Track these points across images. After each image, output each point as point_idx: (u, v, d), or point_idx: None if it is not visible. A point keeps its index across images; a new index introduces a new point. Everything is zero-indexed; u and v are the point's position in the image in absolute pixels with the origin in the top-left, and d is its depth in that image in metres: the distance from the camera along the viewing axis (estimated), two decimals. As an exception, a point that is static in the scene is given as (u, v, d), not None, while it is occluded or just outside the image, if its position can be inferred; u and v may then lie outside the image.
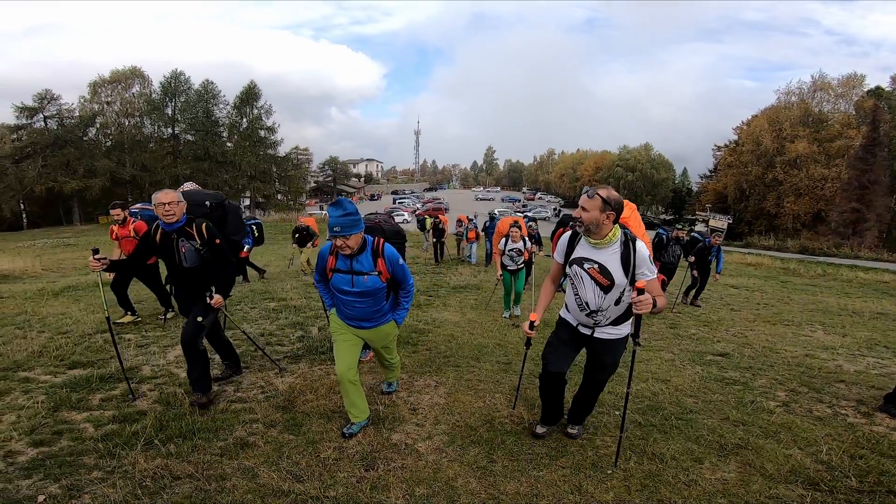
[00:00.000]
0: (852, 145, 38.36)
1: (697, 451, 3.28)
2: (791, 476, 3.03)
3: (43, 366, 4.64)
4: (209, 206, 4.20)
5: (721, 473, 3.03)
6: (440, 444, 3.31)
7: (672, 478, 2.96)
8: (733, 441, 3.44)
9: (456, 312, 7.72)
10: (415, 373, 4.73)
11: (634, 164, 65.85)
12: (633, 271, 2.82)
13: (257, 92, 45.47)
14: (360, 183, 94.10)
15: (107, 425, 3.39)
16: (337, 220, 2.95)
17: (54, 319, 6.71)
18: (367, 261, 3.14)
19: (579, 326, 3.10)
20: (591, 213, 2.78)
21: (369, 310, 3.28)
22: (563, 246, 3.07)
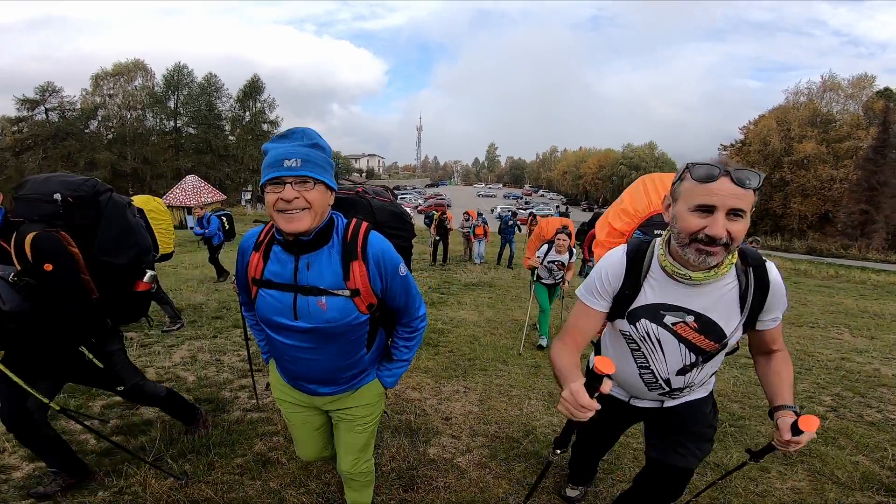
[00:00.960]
0: (861, 146, 37.92)
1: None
2: (865, 483, 2.93)
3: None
4: (60, 202, 2.13)
5: (792, 482, 2.92)
6: (482, 459, 3.03)
7: (742, 489, 2.82)
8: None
9: (472, 311, 7.42)
10: (441, 377, 4.45)
11: (638, 162, 65.43)
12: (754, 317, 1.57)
13: (260, 86, 45.11)
14: (362, 178, 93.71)
15: (112, 436, 3.07)
16: (291, 148, 1.42)
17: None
18: (330, 265, 1.54)
19: (632, 400, 1.89)
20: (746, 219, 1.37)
21: (329, 365, 1.69)
22: (610, 275, 1.60)
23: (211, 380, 4.05)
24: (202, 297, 7.75)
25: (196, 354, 4.73)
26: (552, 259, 5.63)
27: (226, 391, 3.81)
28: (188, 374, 4.15)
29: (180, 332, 5.57)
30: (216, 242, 9.17)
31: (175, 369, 4.29)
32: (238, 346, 5.04)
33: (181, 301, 7.31)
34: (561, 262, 5.64)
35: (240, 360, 4.58)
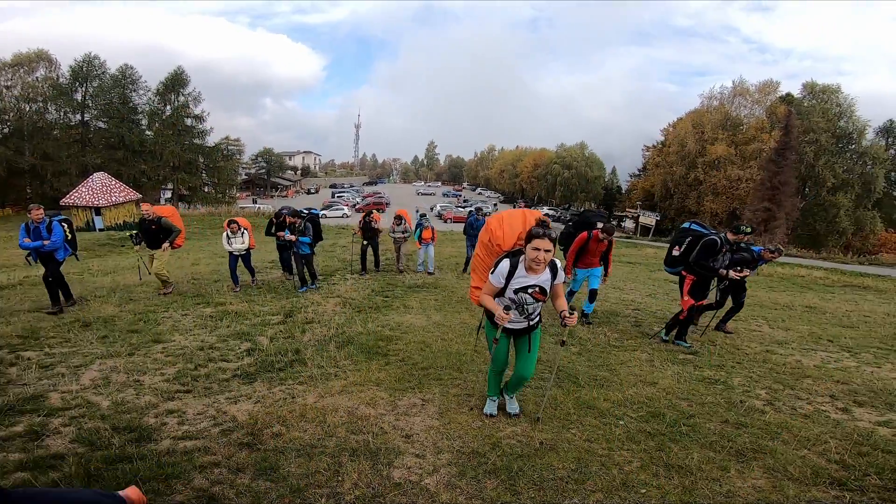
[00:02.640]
0: (765, 148, 41.76)
1: (718, 459, 3.20)
2: (817, 478, 3.03)
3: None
4: None
5: (752, 481, 2.98)
6: (450, 478, 2.84)
7: (709, 490, 2.85)
8: (746, 445, 3.40)
9: (420, 315, 7.16)
10: (395, 389, 4.16)
11: (571, 161, 67.95)
12: None
13: (184, 78, 41.81)
14: (297, 176, 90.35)
15: (13, 473, 2.54)
16: None
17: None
18: None
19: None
20: None
21: None
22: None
23: (130, 404, 3.52)
24: (113, 308, 6.92)
25: (109, 375, 4.13)
26: (525, 284, 3.21)
27: (149, 416, 3.31)
28: (101, 399, 3.59)
29: (89, 351, 4.88)
30: (61, 257, 6.90)
31: (85, 393, 3.70)
32: (161, 364, 4.48)
33: (89, 314, 6.48)
34: (540, 288, 3.24)
35: (163, 380, 4.04)
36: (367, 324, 6.41)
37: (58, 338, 5.36)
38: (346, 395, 3.94)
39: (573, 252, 6.77)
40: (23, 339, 5.24)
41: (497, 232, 3.40)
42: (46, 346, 5.03)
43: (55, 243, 6.67)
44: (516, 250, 3.27)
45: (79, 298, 7.55)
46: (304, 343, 5.34)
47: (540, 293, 3.21)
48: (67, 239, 7.03)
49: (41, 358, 4.64)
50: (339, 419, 3.48)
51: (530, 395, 4.19)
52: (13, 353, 4.78)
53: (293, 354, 4.91)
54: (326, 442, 3.12)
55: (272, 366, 4.55)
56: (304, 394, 3.91)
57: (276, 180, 78.35)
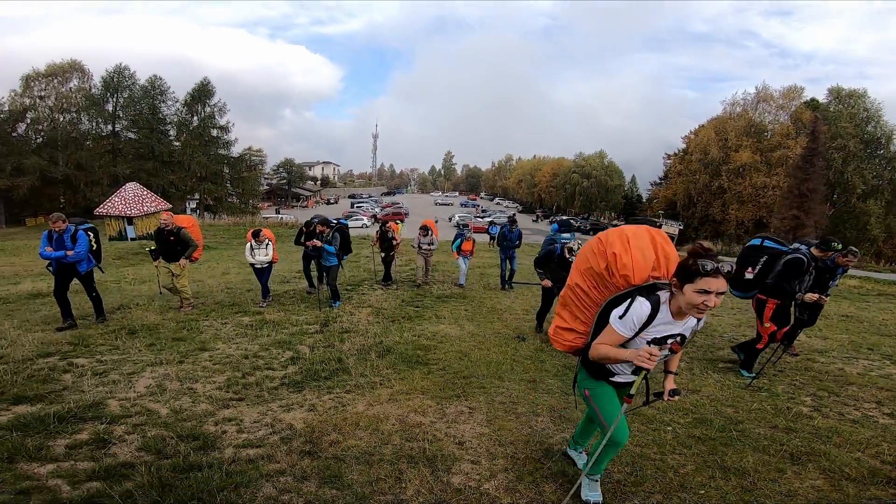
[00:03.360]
0: (791, 155, 40.86)
1: (773, 462, 3.26)
2: (873, 478, 3.06)
3: (-23, 402, 3.73)
4: None
5: (809, 481, 3.03)
6: (509, 483, 2.91)
7: (768, 490, 2.91)
8: (799, 449, 3.44)
9: (453, 325, 7.18)
10: (441, 398, 4.21)
11: (590, 170, 67.50)
12: None
13: (210, 89, 42.95)
14: (317, 186, 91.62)
15: (86, 483, 2.62)
16: None
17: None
18: None
19: None
20: None
21: None
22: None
23: (188, 412, 3.61)
24: (155, 316, 7.10)
25: (162, 383, 4.23)
26: (664, 334, 2.37)
27: (209, 424, 3.39)
28: (159, 406, 3.68)
29: (139, 358, 5.01)
30: (84, 269, 6.38)
31: (142, 401, 3.81)
32: (210, 372, 4.57)
33: (133, 321, 6.65)
34: (681, 338, 2.41)
35: (215, 388, 4.13)
36: (403, 333, 6.45)
37: (107, 345, 5.52)
38: (395, 404, 3.99)
39: None
40: (73, 346, 5.41)
41: (623, 258, 2.41)
42: (97, 354, 5.18)
43: (79, 254, 6.16)
44: (650, 285, 2.38)
45: (121, 306, 7.75)
46: (344, 352, 5.40)
47: (679, 344, 2.33)
48: (93, 249, 6.54)
49: (93, 365, 4.78)
50: (392, 427, 3.53)
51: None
52: (65, 360, 4.93)
53: (336, 363, 4.97)
54: (383, 449, 3.18)
55: (317, 374, 4.61)
56: (353, 402, 3.96)
57: (296, 191, 79.57)
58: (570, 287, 2.71)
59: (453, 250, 11.31)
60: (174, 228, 7.37)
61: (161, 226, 7.43)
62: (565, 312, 2.77)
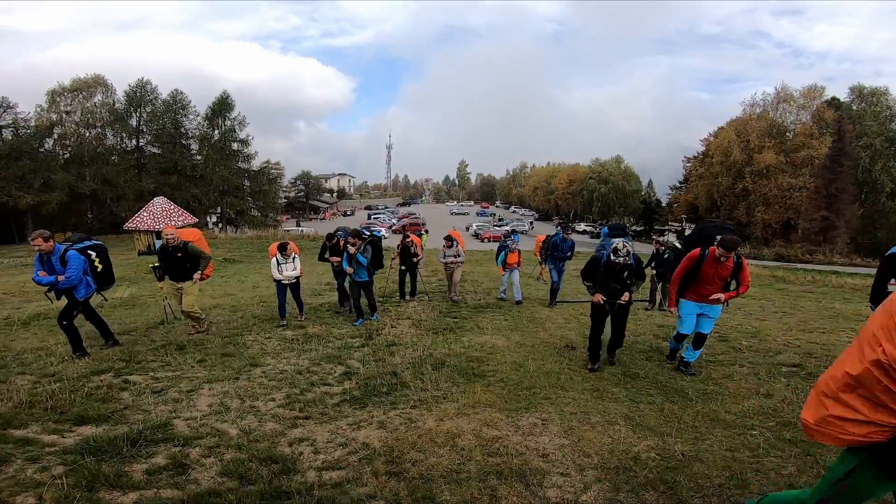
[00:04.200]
0: (816, 155, 39.99)
1: None
2: None
3: (39, 421, 3.70)
4: None
5: None
6: (607, 493, 2.84)
7: None
8: None
9: (497, 336, 7.00)
10: (510, 410, 4.11)
11: (607, 176, 66.97)
12: None
13: (230, 102, 43.52)
14: (334, 198, 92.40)
15: None
16: None
17: (33, 357, 5.65)
18: None
19: None
20: None
21: None
22: None
23: (258, 432, 3.51)
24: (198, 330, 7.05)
25: (223, 401, 4.15)
26: None
27: (282, 445, 3.28)
28: (227, 427, 3.58)
29: (193, 375, 4.94)
30: (81, 295, 5.50)
31: (208, 420, 3.71)
32: (268, 389, 4.48)
33: (178, 337, 6.62)
34: None
35: (278, 406, 4.03)
36: (450, 345, 6.32)
37: (158, 361, 5.47)
38: (464, 418, 3.88)
39: (679, 277, 5.20)
40: (125, 363, 5.37)
41: None
42: (150, 370, 5.13)
43: (70, 280, 5.27)
44: None
45: (163, 322, 7.70)
46: (397, 366, 5.28)
47: None
48: (97, 272, 5.76)
49: (150, 383, 4.73)
50: (470, 442, 3.43)
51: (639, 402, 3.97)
52: (120, 378, 4.88)
53: (392, 377, 4.84)
54: (468, 466, 3.09)
55: (376, 390, 4.49)
56: (422, 418, 3.84)
57: (314, 203, 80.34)
58: (880, 365, 1.75)
59: (498, 265, 10.16)
60: (180, 244, 6.56)
61: (165, 242, 6.56)
62: (857, 400, 1.87)
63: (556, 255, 9.81)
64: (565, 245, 9.83)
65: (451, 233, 10.40)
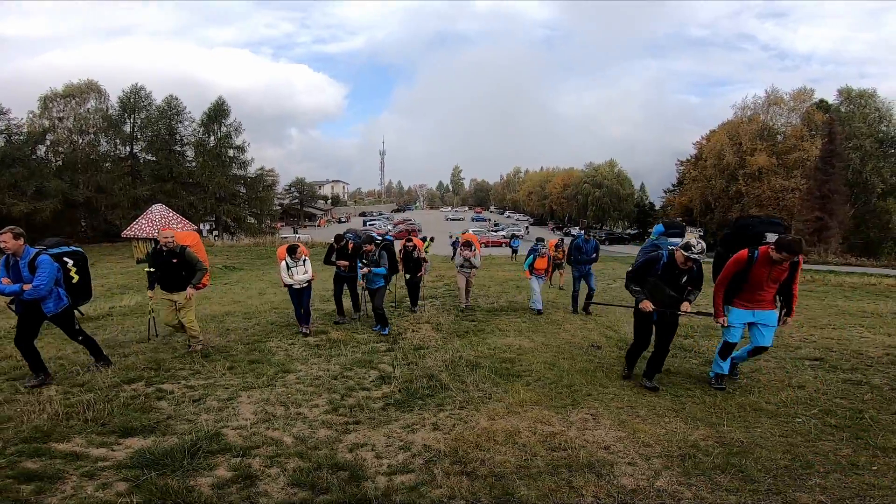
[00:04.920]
0: (808, 157, 40.56)
1: None
2: None
3: (82, 433, 3.62)
4: None
5: None
6: (680, 478, 2.96)
7: None
8: None
9: (521, 337, 7.01)
10: (557, 407, 4.18)
11: (601, 180, 67.30)
12: None
13: (226, 108, 43.19)
14: (328, 205, 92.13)
15: None
16: None
17: (54, 365, 5.51)
18: None
19: None
20: None
21: None
22: None
23: (313, 440, 3.46)
24: (218, 338, 6.95)
25: (266, 408, 4.09)
26: None
27: (342, 452, 3.23)
28: (280, 434, 3.53)
29: (226, 382, 4.87)
30: (49, 310, 4.62)
31: (259, 429, 3.65)
32: (308, 395, 4.43)
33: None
34: None
35: (324, 412, 3.99)
36: (476, 347, 6.33)
37: (186, 369, 5.38)
38: (515, 416, 3.92)
39: (724, 282, 4.56)
40: (155, 371, 5.28)
41: None
42: (181, 379, 5.05)
43: (38, 290, 4.40)
44: None
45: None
46: (430, 368, 5.25)
47: None
48: (73, 283, 4.94)
49: (184, 391, 4.65)
50: (529, 439, 3.47)
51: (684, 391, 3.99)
52: (152, 386, 4.80)
53: (430, 380, 4.83)
54: (535, 461, 3.13)
55: (418, 392, 4.47)
56: (473, 418, 3.86)
57: (309, 210, 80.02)
58: None
59: (525, 269, 9.63)
60: (177, 248, 5.83)
61: (161, 246, 5.80)
62: None
63: (580, 257, 9.20)
64: (589, 246, 9.29)
65: (469, 237, 9.94)
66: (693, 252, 4.24)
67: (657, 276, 4.52)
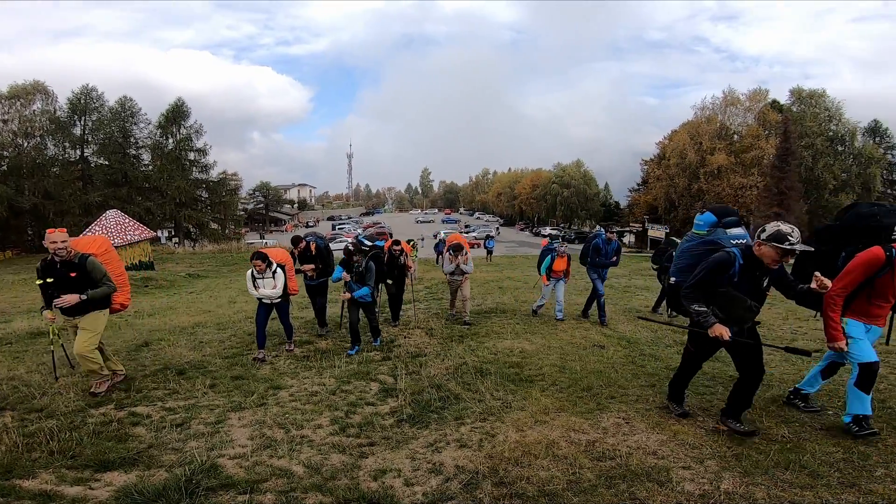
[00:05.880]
0: (763, 156, 42.40)
1: None
2: None
3: (49, 468, 3.10)
4: None
5: None
6: (743, 478, 2.86)
7: None
8: None
9: (520, 340, 6.71)
10: (583, 412, 3.96)
11: (569, 180, 68.48)
12: None
13: (186, 110, 41.26)
14: (295, 209, 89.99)
15: None
16: None
17: (5, 388, 4.86)
18: None
19: None
20: None
21: None
22: None
23: (327, 468, 3.04)
24: (192, 353, 6.36)
25: (263, 432, 3.63)
26: None
27: (366, 481, 2.83)
28: (288, 464, 3.08)
29: (210, 403, 4.36)
30: None
31: (260, 457, 3.19)
32: (308, 414, 3.99)
33: (172, 360, 5.93)
34: None
35: (330, 434, 3.57)
36: (476, 352, 6.02)
37: (161, 388, 4.83)
38: (545, 426, 3.65)
39: (845, 290, 3.37)
40: (125, 392, 4.71)
41: None
42: (157, 400, 4.51)
43: None
44: None
45: (146, 343, 6.92)
46: (434, 378, 4.89)
47: None
48: None
49: (163, 414, 4.13)
50: (568, 450, 3.23)
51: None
52: (124, 410, 4.26)
53: (438, 391, 4.46)
54: (585, 474, 2.90)
55: (428, 405, 4.10)
56: (500, 431, 3.54)
57: (275, 215, 77.94)
58: None
59: (541, 273, 8.33)
60: (75, 258, 4.45)
61: (53, 255, 4.39)
62: None
63: (599, 260, 7.89)
64: (610, 248, 7.91)
65: (456, 238, 8.70)
66: (792, 243, 3.07)
67: (735, 285, 3.28)
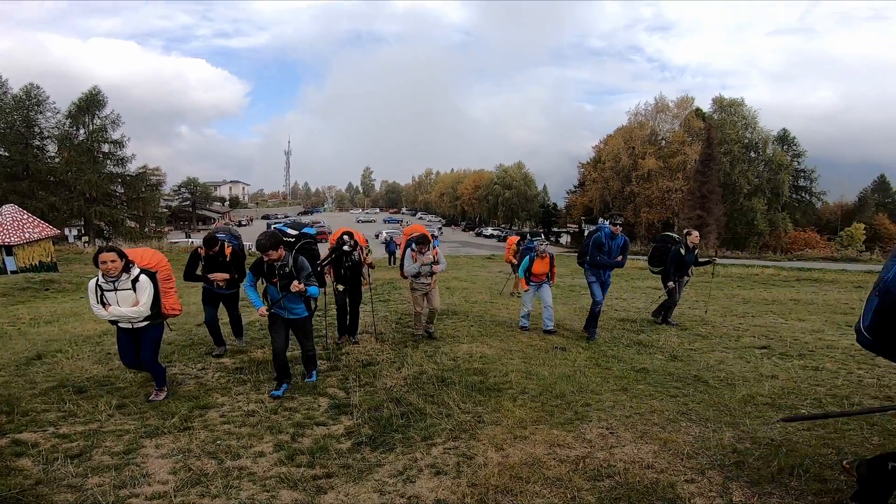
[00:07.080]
0: (688, 160, 45.30)
1: None
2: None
3: None
4: None
5: None
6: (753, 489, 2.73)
7: None
8: None
9: (477, 344, 6.26)
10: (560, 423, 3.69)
11: (510, 181, 69.75)
12: None
13: (101, 99, 37.15)
14: (225, 207, 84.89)
15: None
16: None
17: None
18: None
19: None
20: None
21: None
22: None
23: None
24: (97, 366, 5.35)
25: (189, 463, 2.93)
26: None
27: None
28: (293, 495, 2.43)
29: (118, 427, 3.57)
30: None
31: (188, 496, 2.51)
32: (244, 439, 3.31)
33: (70, 376, 4.95)
34: None
35: (274, 464, 2.93)
36: (434, 358, 5.51)
37: (54, 410, 3.94)
38: (525, 442, 3.28)
39: None
40: (5, 415, 3.78)
41: None
42: (48, 425, 3.64)
43: None
44: None
45: (39, 356, 5.80)
46: (393, 390, 4.35)
47: None
48: None
49: (55, 442, 3.31)
50: (558, 469, 2.90)
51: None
52: (6, 437, 3.39)
53: (399, 405, 3.94)
54: (584, 497, 2.60)
55: (389, 423, 3.56)
56: (476, 451, 3.11)
57: (203, 212, 73.05)
58: None
59: (519, 276, 7.15)
60: None
61: None
62: None
63: (601, 259, 6.46)
64: (614, 244, 6.46)
65: (417, 228, 7.11)
66: None
67: None
